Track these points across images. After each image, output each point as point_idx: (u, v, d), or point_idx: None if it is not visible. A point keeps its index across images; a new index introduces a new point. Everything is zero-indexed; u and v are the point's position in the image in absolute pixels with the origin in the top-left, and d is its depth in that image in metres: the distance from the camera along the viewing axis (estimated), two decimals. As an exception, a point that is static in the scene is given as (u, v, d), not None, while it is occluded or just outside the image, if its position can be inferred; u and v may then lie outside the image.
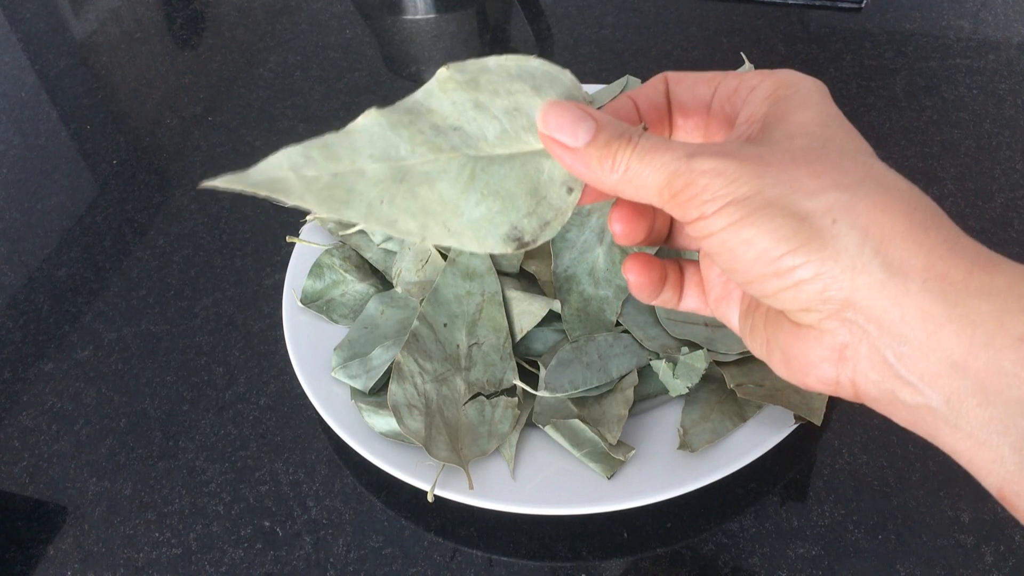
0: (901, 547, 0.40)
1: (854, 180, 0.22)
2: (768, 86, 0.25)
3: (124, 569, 0.43)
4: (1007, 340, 0.19)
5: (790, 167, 0.22)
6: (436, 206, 0.27)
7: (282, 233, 0.59)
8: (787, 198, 0.22)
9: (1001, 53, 0.67)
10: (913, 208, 0.21)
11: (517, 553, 0.41)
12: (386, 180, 0.27)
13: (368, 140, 0.28)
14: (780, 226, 0.22)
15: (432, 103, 0.28)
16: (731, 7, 0.75)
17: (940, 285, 0.20)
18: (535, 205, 0.27)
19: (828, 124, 0.24)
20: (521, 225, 0.27)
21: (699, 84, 0.28)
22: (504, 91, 0.27)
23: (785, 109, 0.24)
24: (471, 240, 0.27)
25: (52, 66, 0.80)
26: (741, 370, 0.43)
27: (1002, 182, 0.56)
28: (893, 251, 0.21)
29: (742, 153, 0.23)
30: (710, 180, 0.23)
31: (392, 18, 0.81)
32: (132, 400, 0.50)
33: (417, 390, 0.43)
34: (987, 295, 0.20)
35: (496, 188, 0.27)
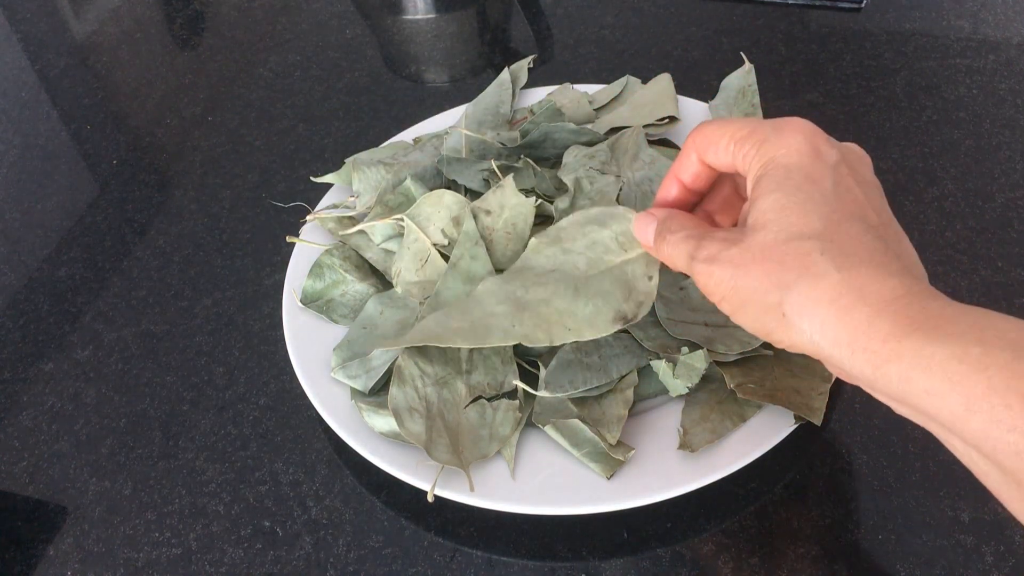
0: (901, 547, 0.40)
1: (791, 279, 0.28)
2: (755, 167, 0.32)
3: (124, 569, 0.43)
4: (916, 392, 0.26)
5: (751, 268, 0.30)
6: (555, 316, 0.37)
7: (282, 233, 0.59)
8: (753, 297, 0.30)
9: (1001, 53, 0.67)
10: (838, 295, 0.27)
11: (517, 553, 0.41)
12: (512, 312, 0.38)
13: (490, 296, 0.38)
14: (755, 318, 0.30)
15: (530, 263, 0.39)
16: (731, 7, 0.75)
17: (864, 355, 0.27)
18: (629, 293, 0.37)
19: (784, 208, 0.30)
20: (622, 309, 0.37)
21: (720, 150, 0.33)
22: (580, 235, 0.38)
23: (758, 192, 0.31)
24: (588, 329, 0.37)
25: (52, 66, 0.80)
26: (741, 370, 0.43)
27: (1002, 182, 0.56)
28: (828, 331, 0.28)
29: (721, 258, 0.31)
30: (706, 280, 0.32)
31: (392, 18, 0.81)
32: (132, 400, 0.50)
33: (418, 393, 0.43)
34: (896, 361, 0.26)
35: (596, 292, 0.37)
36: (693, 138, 0.34)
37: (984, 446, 0.24)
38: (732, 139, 0.32)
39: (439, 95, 0.70)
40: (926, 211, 0.55)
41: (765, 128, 0.32)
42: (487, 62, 0.74)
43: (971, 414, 0.24)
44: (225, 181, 0.65)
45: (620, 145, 0.54)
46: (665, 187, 0.37)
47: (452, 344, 0.37)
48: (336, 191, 0.57)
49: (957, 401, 0.24)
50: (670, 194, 0.37)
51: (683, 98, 0.60)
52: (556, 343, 0.36)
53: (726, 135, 0.33)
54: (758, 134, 0.32)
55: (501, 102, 0.62)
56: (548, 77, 0.69)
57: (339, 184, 0.57)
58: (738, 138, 0.32)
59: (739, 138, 0.32)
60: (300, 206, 0.61)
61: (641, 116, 0.58)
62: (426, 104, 0.69)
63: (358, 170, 0.54)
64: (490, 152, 0.55)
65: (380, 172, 0.54)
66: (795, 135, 0.31)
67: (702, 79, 0.66)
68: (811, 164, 0.30)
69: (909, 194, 0.56)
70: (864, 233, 0.29)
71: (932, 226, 0.54)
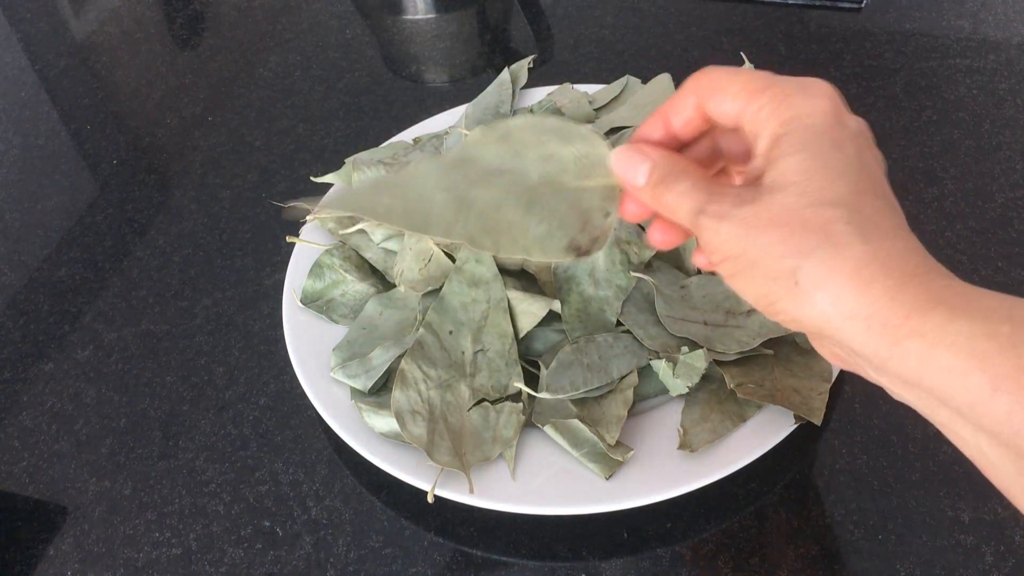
0: (901, 547, 0.40)
1: (812, 245, 0.26)
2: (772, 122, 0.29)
3: (124, 569, 0.43)
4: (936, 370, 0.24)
5: (767, 230, 0.27)
6: (504, 226, 0.32)
7: (282, 233, 0.59)
8: (763, 261, 0.27)
9: (1001, 53, 0.67)
10: (861, 265, 0.26)
11: (517, 553, 0.41)
12: (455, 207, 0.32)
13: (428, 177, 0.33)
14: (761, 284, 0.28)
15: (474, 153, 0.33)
16: (731, 7, 0.75)
17: (882, 329, 0.25)
18: (584, 224, 0.33)
19: (808, 171, 0.28)
20: (577, 239, 0.32)
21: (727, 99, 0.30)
22: (535, 143, 0.33)
23: (779, 152, 0.28)
24: (539, 251, 0.32)
25: (52, 66, 0.80)
26: (741, 370, 0.43)
27: (1002, 182, 0.56)
28: (845, 304, 0.26)
29: (733, 216, 0.28)
30: (711, 237, 0.29)
31: (392, 18, 0.81)
32: (132, 400, 0.50)
33: (421, 396, 0.43)
34: (918, 336, 0.25)
35: (551, 212, 0.33)
36: (697, 80, 0.31)
37: (1004, 430, 0.23)
38: (745, 89, 0.30)
39: (439, 95, 0.70)
40: (926, 211, 0.55)
41: (787, 83, 0.29)
42: (487, 62, 0.74)
43: (996, 394, 0.23)
44: (225, 181, 0.65)
45: (620, 145, 0.54)
46: (649, 126, 0.33)
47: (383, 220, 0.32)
48: (336, 191, 0.57)
49: (981, 380, 0.23)
50: (652, 136, 0.33)
51: (683, 98, 0.60)
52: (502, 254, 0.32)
53: (737, 83, 0.30)
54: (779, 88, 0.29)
55: (501, 102, 0.62)
56: (548, 77, 0.69)
57: (339, 184, 0.57)
58: (752, 89, 0.29)
59: (754, 89, 0.29)
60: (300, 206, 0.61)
61: (641, 116, 0.58)
62: (426, 104, 0.69)
63: (358, 170, 0.54)
64: (490, 152, 0.55)
65: (380, 172, 0.54)
66: (821, 97, 0.29)
67: (702, 79, 0.66)
68: (836, 130, 0.29)
69: (909, 194, 0.56)
70: (885, 206, 0.28)
71: (932, 226, 0.54)
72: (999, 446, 0.24)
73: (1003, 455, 0.25)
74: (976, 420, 0.24)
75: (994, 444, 0.25)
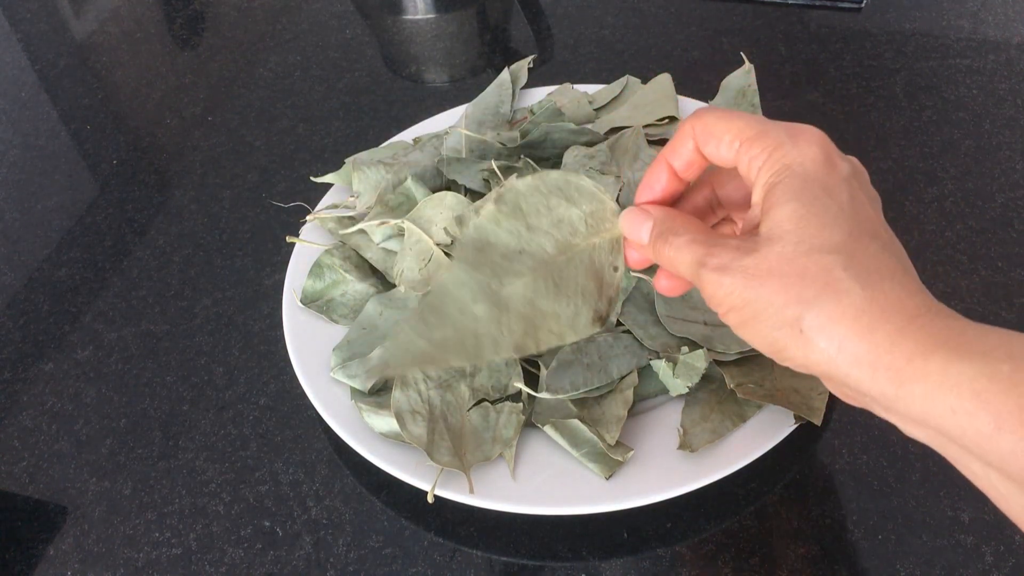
0: (901, 547, 0.40)
1: (812, 294, 0.27)
2: (765, 173, 0.30)
3: (124, 569, 0.43)
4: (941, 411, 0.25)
5: (767, 281, 0.28)
6: (540, 319, 0.34)
7: (282, 233, 0.59)
8: (766, 311, 0.28)
9: (1001, 53, 0.67)
10: (861, 312, 0.27)
11: (517, 553, 0.41)
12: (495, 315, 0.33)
13: (462, 287, 0.34)
14: (767, 334, 0.28)
15: (491, 238, 0.34)
16: (731, 7, 0.75)
17: (886, 374, 0.26)
18: (600, 288, 0.34)
19: (802, 219, 0.28)
20: (599, 308, 0.34)
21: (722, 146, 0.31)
22: (544, 208, 0.34)
23: (772, 201, 0.29)
24: (570, 333, 0.34)
25: (52, 66, 0.80)
26: (741, 370, 0.43)
27: (1002, 182, 0.56)
28: (849, 350, 0.27)
29: (734, 268, 0.29)
30: (714, 290, 0.30)
31: (392, 18, 0.81)
32: (132, 400, 0.50)
33: (421, 396, 0.43)
34: (921, 379, 0.25)
35: (575, 288, 0.34)
36: (692, 124, 0.32)
37: (1012, 466, 0.24)
38: (738, 137, 0.30)
39: (439, 95, 0.70)
40: (926, 211, 0.55)
41: (777, 132, 0.30)
42: (487, 62, 0.74)
43: (1000, 433, 0.24)
44: (225, 181, 0.65)
45: (620, 145, 0.54)
46: (654, 172, 0.34)
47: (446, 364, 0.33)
48: (336, 191, 0.57)
49: (985, 420, 0.24)
50: (660, 181, 0.34)
51: (683, 98, 0.60)
52: (542, 349, 0.34)
53: (731, 131, 0.31)
54: (769, 137, 0.30)
55: (501, 102, 0.62)
56: (548, 77, 0.69)
57: (339, 184, 0.57)
58: (745, 138, 0.30)
59: (747, 138, 0.30)
60: (300, 206, 0.61)
61: (641, 116, 0.58)
62: (426, 104, 0.69)
63: (358, 170, 0.54)
64: (490, 152, 0.55)
65: (380, 172, 0.54)
66: (811, 145, 0.30)
67: (702, 79, 0.66)
68: (827, 176, 0.29)
69: (909, 194, 0.56)
70: (881, 250, 0.28)
71: (932, 226, 0.54)
72: (1008, 480, 0.25)
73: (1013, 489, 0.25)
74: (984, 457, 0.25)
75: (1003, 479, 0.25)
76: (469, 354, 0.33)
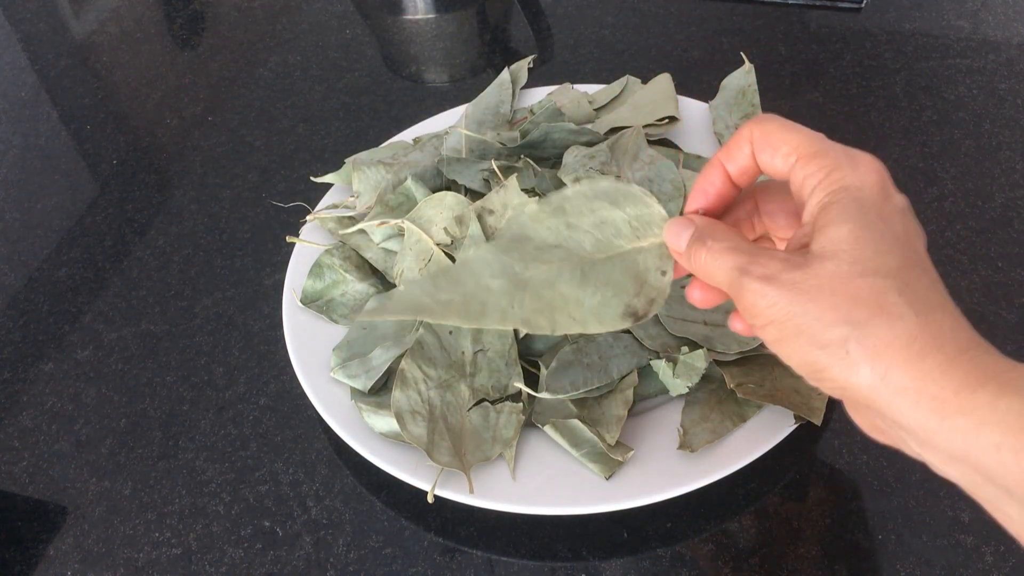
0: (901, 547, 0.40)
1: (864, 316, 0.26)
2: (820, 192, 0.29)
3: (124, 569, 0.43)
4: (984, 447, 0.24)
5: (817, 297, 0.27)
6: (560, 302, 0.33)
7: (282, 233, 0.59)
8: (811, 328, 0.27)
9: (1001, 53, 0.67)
10: (912, 339, 0.26)
11: (517, 553, 0.41)
12: (511, 290, 0.33)
13: (485, 265, 0.34)
14: (808, 352, 0.27)
15: (530, 232, 0.34)
16: (731, 7, 0.75)
17: (931, 404, 0.25)
18: (640, 287, 0.34)
19: (859, 240, 0.28)
20: (633, 304, 0.33)
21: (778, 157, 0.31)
22: (587, 210, 0.34)
23: (827, 220, 0.29)
24: (594, 323, 0.33)
25: (52, 66, 0.80)
26: (741, 370, 0.43)
27: (1002, 182, 0.56)
28: (895, 378, 0.26)
29: (781, 280, 0.28)
30: (755, 300, 0.28)
31: (392, 18, 0.81)
32: (132, 400, 0.50)
33: (421, 396, 0.43)
34: (967, 413, 0.24)
35: (606, 280, 0.34)
36: (751, 130, 0.31)
37: None
38: (796, 151, 0.30)
39: (439, 95, 0.70)
40: (926, 211, 0.55)
41: (837, 153, 0.30)
42: (487, 62, 0.74)
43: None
44: (225, 181, 0.65)
45: (620, 145, 0.54)
46: (707, 175, 0.33)
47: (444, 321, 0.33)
48: (336, 191, 0.57)
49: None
50: (713, 184, 0.33)
51: (683, 98, 0.60)
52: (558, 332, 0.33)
53: (790, 143, 0.30)
54: (828, 157, 0.29)
55: (501, 102, 0.62)
56: (548, 77, 0.69)
57: (339, 184, 0.57)
58: (804, 153, 0.30)
59: (805, 154, 0.30)
60: (300, 206, 0.61)
61: (641, 116, 0.58)
62: (426, 104, 0.69)
63: (358, 170, 0.54)
64: (490, 152, 0.55)
65: (380, 172, 0.54)
66: (870, 172, 0.29)
67: (702, 79, 0.66)
68: (884, 204, 0.29)
69: (909, 194, 0.55)
70: (932, 282, 0.28)
71: (932, 226, 0.54)
72: None
73: None
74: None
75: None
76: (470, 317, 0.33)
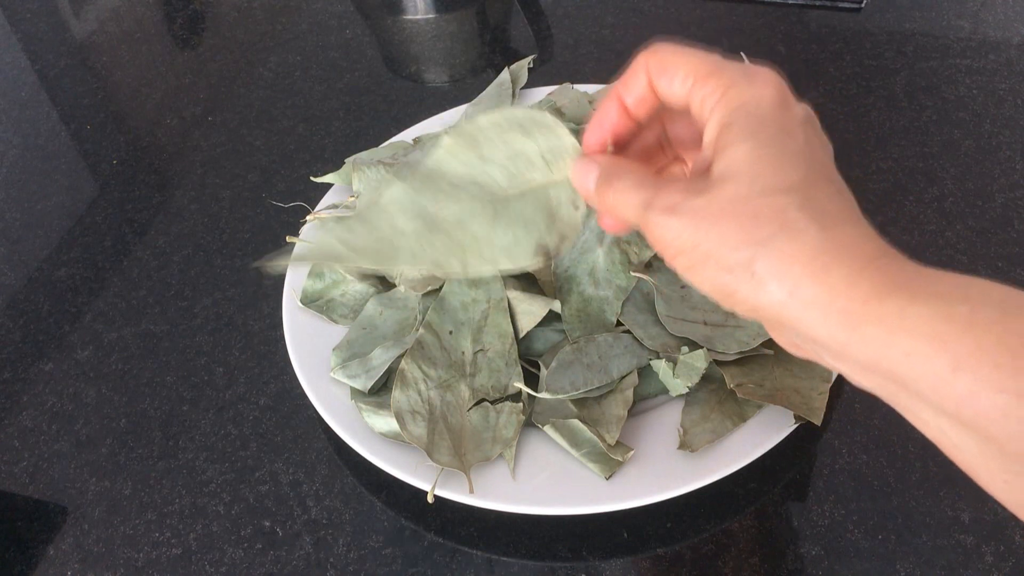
0: (901, 547, 0.40)
1: (767, 234, 0.26)
2: (718, 112, 0.29)
3: (124, 569, 0.43)
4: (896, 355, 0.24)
5: (719, 221, 0.27)
6: (471, 243, 0.33)
7: (282, 233, 0.59)
8: (717, 251, 0.27)
9: (1001, 53, 0.67)
10: (817, 253, 0.26)
11: (517, 553, 0.41)
12: (423, 231, 0.33)
13: (399, 207, 0.33)
14: (717, 276, 0.27)
15: (444, 167, 0.34)
16: (731, 7, 0.75)
17: (840, 316, 0.25)
18: (551, 223, 0.33)
19: (758, 159, 0.27)
20: (544, 240, 0.33)
21: (676, 81, 0.30)
22: (501, 142, 0.33)
23: (726, 141, 0.28)
24: (505, 260, 0.33)
25: (52, 66, 0.80)
26: (741, 370, 0.43)
27: (1002, 182, 0.56)
28: (802, 293, 0.26)
29: (684, 208, 0.28)
30: (662, 232, 0.28)
31: (392, 18, 0.81)
32: (132, 400, 0.50)
33: (421, 396, 0.43)
34: (876, 322, 0.24)
35: (517, 217, 0.33)
36: (646, 58, 0.30)
37: (965, 412, 0.23)
38: (692, 74, 0.29)
39: (439, 95, 0.70)
40: (926, 211, 0.55)
41: (732, 71, 0.29)
42: (487, 62, 0.74)
43: (956, 375, 0.23)
44: (225, 181, 0.65)
45: (620, 145, 0.54)
46: (604, 109, 0.32)
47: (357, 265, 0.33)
48: (336, 191, 0.57)
49: (942, 362, 0.23)
50: (610, 118, 0.32)
51: (683, 98, 0.60)
52: (470, 273, 0.33)
53: (686, 66, 0.29)
54: (724, 75, 0.29)
55: (501, 102, 0.62)
56: (548, 77, 0.69)
57: (339, 184, 0.57)
58: (700, 75, 0.29)
59: (701, 75, 0.29)
60: (300, 206, 0.61)
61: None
62: (426, 104, 0.69)
63: (358, 170, 0.54)
64: (490, 152, 0.55)
65: (380, 172, 0.54)
66: (767, 85, 0.29)
67: (702, 79, 0.66)
68: (783, 117, 0.28)
69: (909, 194, 0.56)
70: (837, 194, 0.28)
71: (932, 226, 0.54)
72: (961, 427, 0.24)
73: (966, 436, 0.24)
74: (938, 402, 0.24)
75: (956, 426, 0.24)
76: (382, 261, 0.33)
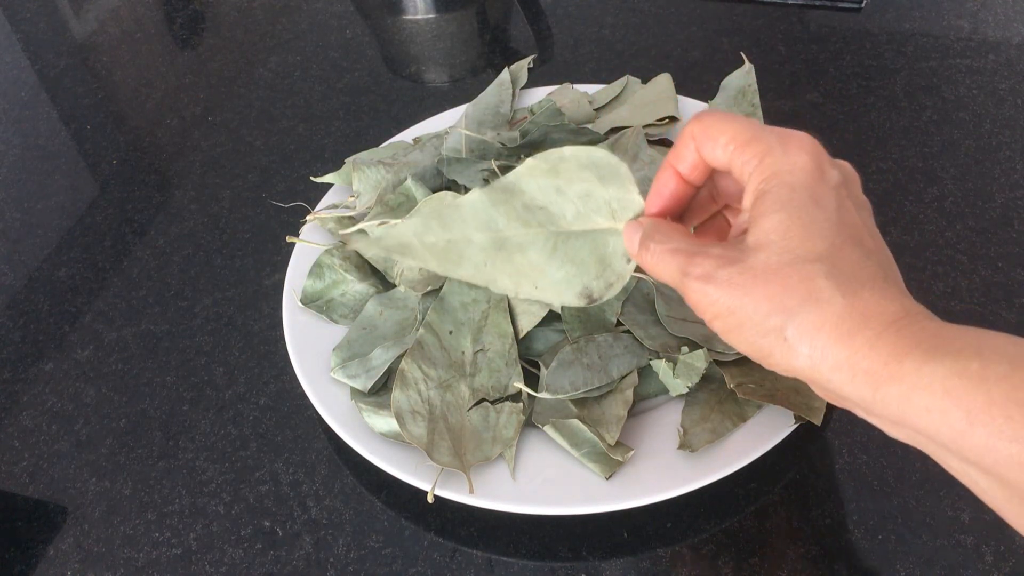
0: (901, 547, 0.40)
1: (796, 303, 0.28)
2: (755, 179, 0.31)
3: (124, 569, 0.43)
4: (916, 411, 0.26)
5: (752, 290, 0.29)
6: (527, 269, 0.35)
7: (282, 233, 0.59)
8: (751, 319, 0.29)
9: (1001, 53, 0.67)
10: (841, 320, 0.28)
11: (517, 553, 0.41)
12: (489, 247, 0.35)
13: (474, 214, 0.35)
14: (753, 340, 0.29)
15: (523, 185, 0.35)
16: (731, 7, 0.75)
17: (864, 377, 0.27)
18: (602, 271, 0.35)
19: (788, 229, 0.29)
20: (591, 286, 0.35)
21: (718, 148, 0.32)
22: (577, 179, 0.35)
23: (760, 210, 0.30)
24: (553, 296, 0.35)
25: (52, 66, 0.80)
26: (741, 370, 0.43)
27: (1002, 182, 0.56)
28: (830, 357, 0.28)
29: (718, 278, 0.30)
30: (698, 298, 0.31)
31: (392, 18, 0.81)
32: (132, 400, 0.50)
33: (421, 396, 0.43)
34: (897, 381, 0.26)
35: (573, 257, 0.35)
36: (692, 128, 0.33)
37: (985, 460, 0.25)
38: (733, 141, 0.31)
39: (439, 95, 0.70)
40: (926, 211, 0.55)
41: (769, 138, 0.31)
42: (487, 62, 0.74)
43: (972, 428, 0.24)
44: (225, 181, 0.65)
45: (620, 145, 0.54)
46: (661, 178, 0.35)
47: (421, 262, 0.35)
48: (336, 191, 0.57)
49: (958, 416, 0.25)
50: (667, 186, 0.34)
51: (683, 98, 0.60)
52: (521, 296, 0.35)
53: (726, 134, 0.31)
54: (761, 143, 0.30)
55: (501, 102, 0.62)
56: (548, 77, 0.69)
57: (339, 184, 0.57)
58: (739, 142, 0.31)
59: (740, 142, 0.31)
60: (300, 206, 0.61)
61: (641, 116, 0.58)
62: (426, 104, 0.69)
63: (358, 170, 0.54)
64: (490, 152, 0.55)
65: (380, 172, 0.54)
66: (800, 153, 0.30)
67: (702, 79, 0.66)
68: (815, 185, 0.30)
69: (909, 194, 0.56)
70: (864, 258, 0.29)
71: (932, 226, 0.54)
72: (985, 475, 0.26)
73: (991, 482, 0.26)
74: (960, 453, 0.26)
75: (980, 473, 0.26)
76: (446, 266, 0.35)
